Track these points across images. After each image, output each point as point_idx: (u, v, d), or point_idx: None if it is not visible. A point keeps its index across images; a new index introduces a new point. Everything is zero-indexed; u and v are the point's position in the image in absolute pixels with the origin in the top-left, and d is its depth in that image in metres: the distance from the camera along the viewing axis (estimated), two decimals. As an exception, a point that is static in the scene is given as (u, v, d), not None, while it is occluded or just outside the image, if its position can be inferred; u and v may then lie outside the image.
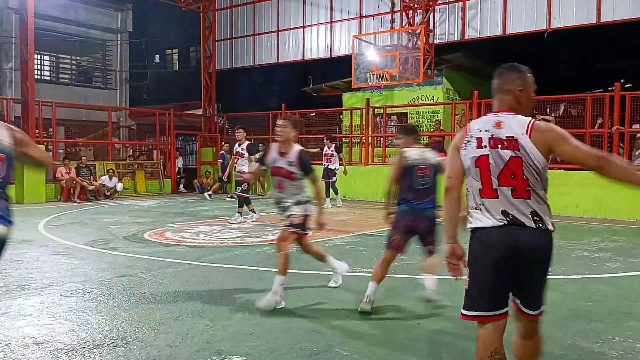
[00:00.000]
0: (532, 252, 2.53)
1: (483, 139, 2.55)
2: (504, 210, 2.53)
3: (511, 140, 2.50)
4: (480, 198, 2.59)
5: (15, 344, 3.64)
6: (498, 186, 2.54)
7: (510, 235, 2.51)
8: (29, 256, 6.70)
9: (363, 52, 15.51)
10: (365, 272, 5.96)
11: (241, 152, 10.29)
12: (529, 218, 2.52)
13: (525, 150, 2.48)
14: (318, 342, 3.74)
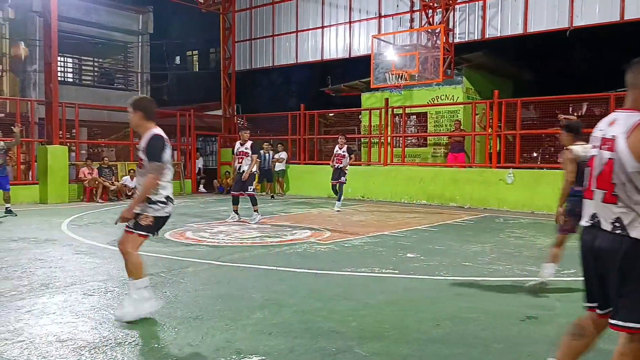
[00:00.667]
0: (606, 255, 2.48)
1: (597, 138, 2.54)
2: (594, 212, 2.55)
3: (612, 140, 2.43)
4: (584, 198, 2.64)
5: (39, 341, 3.71)
6: (595, 188, 2.53)
7: (591, 237, 2.56)
8: (52, 255, 6.82)
9: (382, 52, 15.46)
10: (384, 273, 5.95)
11: (245, 152, 10.34)
12: (609, 223, 2.46)
13: (618, 152, 2.39)
14: (337, 342, 3.74)
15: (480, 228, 9.90)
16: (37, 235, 8.42)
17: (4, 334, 3.81)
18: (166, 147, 4.34)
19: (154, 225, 4.42)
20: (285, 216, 11.51)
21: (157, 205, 4.32)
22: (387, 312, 4.53)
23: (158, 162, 4.22)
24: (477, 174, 13.77)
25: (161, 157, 4.24)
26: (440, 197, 14.07)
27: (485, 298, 4.99)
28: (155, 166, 4.22)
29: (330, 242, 7.99)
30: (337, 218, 11.08)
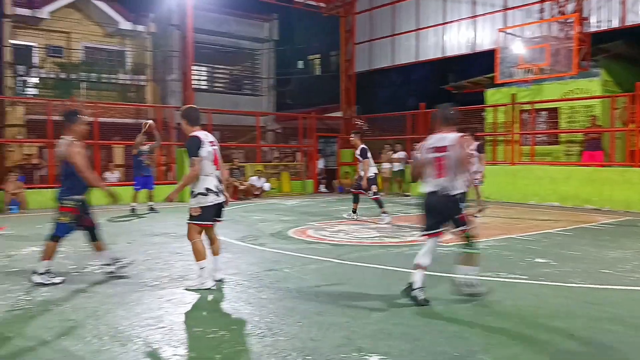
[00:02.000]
0: None
1: None
2: None
3: None
4: None
5: (178, 328, 4.04)
6: None
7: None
8: (189, 249, 7.36)
9: (508, 45, 14.73)
10: (511, 278, 5.67)
11: (357, 157, 10.48)
12: None
13: None
14: (460, 347, 3.64)
15: (621, 233, 9.04)
16: (175, 230, 9.17)
17: (147, 320, 4.21)
18: (203, 145, 5.12)
19: (203, 214, 5.26)
20: (404, 217, 11.41)
21: (199, 197, 5.18)
22: (514, 318, 4.31)
23: (194, 157, 5.09)
24: (617, 174, 12.59)
25: (197, 153, 5.09)
26: (575, 199, 13.07)
27: (626, 309, 4.56)
28: (192, 161, 5.11)
29: (453, 244, 7.76)
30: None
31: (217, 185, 5.25)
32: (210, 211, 5.25)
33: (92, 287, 5.29)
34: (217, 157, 5.31)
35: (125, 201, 12.59)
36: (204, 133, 5.29)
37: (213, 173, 5.23)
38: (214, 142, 5.34)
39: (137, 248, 7.50)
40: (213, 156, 5.24)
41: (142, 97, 20.75)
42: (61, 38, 19.67)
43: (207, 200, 5.18)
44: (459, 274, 4.91)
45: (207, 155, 5.15)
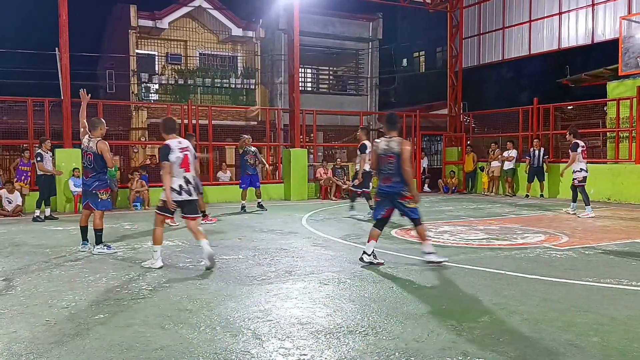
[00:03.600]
0: None
1: None
2: None
3: None
4: None
5: (284, 322, 4.18)
6: None
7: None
8: (294, 246, 7.62)
9: (633, 34, 13.54)
10: (635, 286, 5.21)
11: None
12: None
13: None
14: (575, 357, 3.41)
15: None
16: (282, 227, 9.49)
17: (256, 313, 4.40)
18: (172, 151, 6.02)
19: (164, 207, 6.14)
20: (515, 218, 10.89)
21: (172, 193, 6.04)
22: (637, 329, 3.97)
23: (164, 161, 6.03)
24: None
25: (167, 158, 6.01)
26: None
27: None
28: (162, 165, 6.07)
29: (568, 247, 7.30)
30: (576, 222, 10.08)
31: (183, 185, 6.05)
32: (180, 205, 6.14)
33: (206, 279, 5.63)
34: (186, 161, 6.09)
35: (237, 199, 13.26)
36: (177, 141, 6.15)
37: (180, 175, 6.06)
38: (186, 148, 6.13)
39: (246, 244, 7.86)
40: (181, 160, 6.06)
41: (252, 100, 21.66)
42: (179, 46, 21.10)
43: (179, 197, 6.06)
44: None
45: (175, 160, 6.02)
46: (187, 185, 6.07)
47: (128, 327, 4.09)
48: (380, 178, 6.23)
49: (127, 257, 6.86)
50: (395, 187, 6.04)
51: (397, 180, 6.03)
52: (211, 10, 20.87)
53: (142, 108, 19.01)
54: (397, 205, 6.12)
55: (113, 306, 4.65)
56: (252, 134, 13.83)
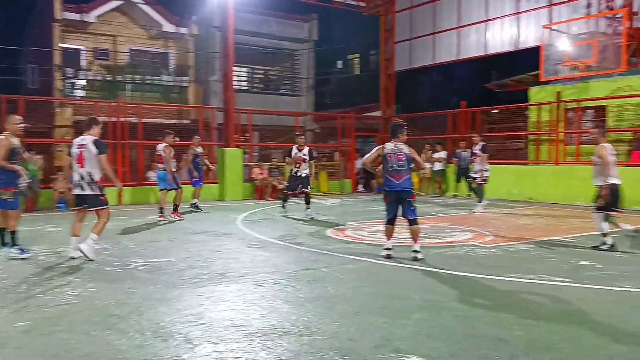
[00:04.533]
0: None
1: None
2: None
3: None
4: None
5: (218, 325, 4.10)
6: None
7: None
8: (228, 248, 7.50)
9: (553, 42, 14.34)
10: (555, 281, 5.51)
11: (303, 157, 10.78)
12: None
13: None
14: (501, 351, 3.56)
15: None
16: (216, 229, 9.33)
17: (188, 317, 4.29)
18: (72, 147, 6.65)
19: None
20: (444, 217, 11.26)
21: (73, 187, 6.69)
22: (558, 323, 4.19)
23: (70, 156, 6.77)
24: (669, 174, 12.08)
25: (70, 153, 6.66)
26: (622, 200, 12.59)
27: (679, 316, 4.37)
28: None
29: (493, 245, 7.63)
30: (500, 221, 10.55)
31: (77, 180, 6.47)
32: (75, 199, 6.67)
33: (135, 283, 5.44)
34: (80, 157, 6.45)
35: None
36: (80, 138, 6.59)
37: (75, 170, 6.50)
38: (83, 145, 6.47)
39: (178, 246, 7.66)
40: (77, 156, 6.48)
41: (184, 98, 21.18)
42: (107, 41, 20.31)
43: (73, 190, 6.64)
44: None
45: (73, 156, 6.54)
46: (80, 181, 6.46)
47: (51, 334, 3.87)
48: (389, 175, 6.50)
49: (49, 262, 6.50)
50: (408, 186, 6.48)
51: (409, 177, 6.50)
52: (142, 4, 20.23)
53: (67, 105, 18.13)
54: (405, 203, 6.48)
55: (35, 313, 4.39)
56: (185, 133, 13.54)
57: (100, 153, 6.46)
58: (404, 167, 6.47)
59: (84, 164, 6.41)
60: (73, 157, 6.56)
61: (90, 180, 6.44)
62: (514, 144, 18.98)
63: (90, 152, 6.42)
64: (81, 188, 6.46)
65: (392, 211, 6.62)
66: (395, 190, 6.51)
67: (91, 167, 6.44)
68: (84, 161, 6.42)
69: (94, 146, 6.45)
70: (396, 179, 6.47)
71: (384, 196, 6.70)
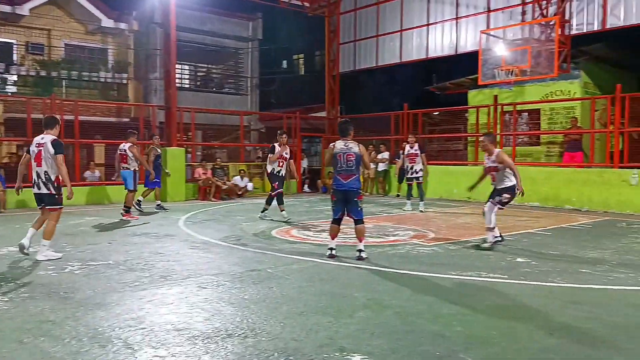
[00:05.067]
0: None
1: None
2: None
3: None
4: None
5: (159, 329, 4.00)
6: None
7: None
8: (171, 249, 7.34)
9: (491, 47, 14.89)
10: (492, 277, 5.72)
11: (285, 156, 10.76)
12: None
13: None
14: (441, 346, 3.66)
15: (600, 233, 9.19)
16: (157, 230, 9.10)
17: (128, 321, 4.16)
18: (31, 145, 6.64)
19: None
20: (387, 216, 11.45)
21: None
22: (495, 318, 4.36)
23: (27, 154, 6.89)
24: (596, 175, 12.79)
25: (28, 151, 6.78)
26: (555, 199, 13.24)
27: (604, 308, 4.63)
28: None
29: (434, 244, 7.83)
30: (441, 220, 10.84)
31: (35, 179, 6.54)
32: (35, 198, 6.68)
33: (71, 287, 5.22)
34: (38, 156, 6.48)
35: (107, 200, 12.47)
36: (39, 137, 6.61)
37: (34, 169, 6.56)
38: (41, 144, 6.49)
39: (117, 248, 7.42)
40: (35, 155, 6.53)
41: (124, 96, 20.54)
42: (42, 35, 19.41)
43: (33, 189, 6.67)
44: None
45: (31, 154, 6.62)
46: (37, 179, 6.51)
47: (-22, 344, 3.66)
48: (338, 174, 6.59)
49: (-23, 266, 6.15)
50: (355, 186, 6.52)
51: (356, 177, 6.55)
52: (79, -2, 19.46)
53: (-4, 101, 17.20)
54: (352, 203, 6.53)
55: (-41, 322, 4.14)
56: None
57: (57, 153, 6.44)
58: (352, 167, 6.52)
59: (41, 163, 6.45)
60: (31, 155, 6.59)
61: (46, 180, 6.48)
62: (454, 145, 19.58)
63: (47, 152, 6.43)
64: (38, 187, 6.54)
65: (338, 210, 6.65)
66: (342, 190, 6.55)
67: (48, 166, 6.46)
68: (41, 160, 6.46)
69: (51, 146, 6.44)
70: (344, 179, 6.53)
71: (332, 195, 6.74)
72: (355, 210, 6.58)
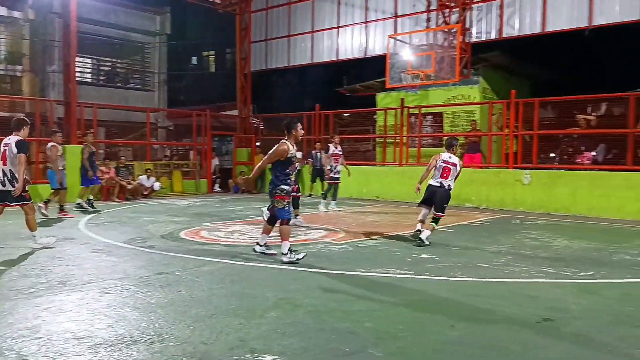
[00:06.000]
0: None
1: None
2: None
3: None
4: None
5: (57, 338, 3.75)
6: None
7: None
8: (70, 253, 6.91)
9: (398, 51, 15.42)
10: (399, 274, 5.92)
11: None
12: None
13: None
14: (352, 343, 3.72)
15: (496, 229, 9.81)
16: (55, 233, 8.52)
17: (22, 331, 3.86)
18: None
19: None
20: (300, 216, 11.50)
21: None
22: (402, 313, 4.51)
23: None
24: (493, 175, 13.65)
25: None
26: (456, 198, 13.88)
27: (501, 300, 4.95)
28: None
29: (345, 242, 7.98)
30: (351, 219, 11.07)
31: (1, 177, 6.81)
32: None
33: (-45, 297, 4.76)
34: (4, 156, 6.82)
35: None
36: (8, 137, 6.92)
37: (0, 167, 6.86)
38: (7, 144, 6.83)
39: (10, 252, 6.87)
40: (1, 154, 6.84)
41: (17, 89, 19.09)
42: None
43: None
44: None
45: None
46: (3, 177, 6.81)
47: None
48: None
49: None
50: (271, 185, 6.54)
51: (272, 179, 6.56)
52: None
53: None
54: (271, 202, 6.55)
55: None
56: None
57: (19, 153, 6.79)
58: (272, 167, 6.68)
59: (6, 162, 6.84)
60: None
61: (11, 178, 6.83)
62: (363, 146, 20.07)
63: (11, 151, 6.81)
64: (3, 185, 6.84)
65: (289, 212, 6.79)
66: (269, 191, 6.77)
67: (12, 165, 6.84)
68: (6, 159, 6.84)
69: (15, 146, 6.82)
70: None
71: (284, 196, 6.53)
72: (275, 210, 6.56)
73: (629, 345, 3.78)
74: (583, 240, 8.42)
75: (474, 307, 4.68)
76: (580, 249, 7.69)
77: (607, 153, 13.07)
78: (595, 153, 13.11)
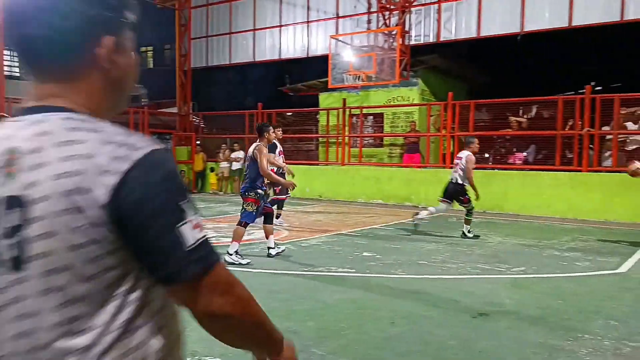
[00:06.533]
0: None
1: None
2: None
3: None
4: None
5: None
6: None
7: None
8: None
9: (339, 52, 15.55)
10: (342, 272, 5.98)
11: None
12: None
13: None
14: (294, 342, 3.72)
15: (435, 228, 10.09)
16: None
17: None
18: None
19: None
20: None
21: None
22: (344, 311, 4.56)
23: None
24: (431, 174, 14.01)
25: None
26: (396, 197, 14.26)
27: (439, 296, 5.09)
28: None
29: (288, 241, 7.97)
30: (294, 218, 11.08)
31: None
32: None
33: None
34: None
35: None
36: None
37: None
38: None
39: None
40: None
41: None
42: None
43: None
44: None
45: None
46: None
47: None
48: None
49: None
50: (242, 188, 6.62)
51: (246, 180, 6.56)
52: None
53: None
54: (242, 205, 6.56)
55: None
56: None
57: None
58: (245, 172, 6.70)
59: None
60: None
61: None
62: (306, 146, 20.12)
63: None
64: None
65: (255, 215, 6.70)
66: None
67: None
68: None
69: None
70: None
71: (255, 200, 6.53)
72: (241, 212, 6.58)
73: (558, 338, 3.99)
74: (515, 237, 8.80)
75: (414, 303, 4.79)
76: (513, 245, 8.04)
77: (537, 154, 13.72)
78: (526, 154, 13.74)
